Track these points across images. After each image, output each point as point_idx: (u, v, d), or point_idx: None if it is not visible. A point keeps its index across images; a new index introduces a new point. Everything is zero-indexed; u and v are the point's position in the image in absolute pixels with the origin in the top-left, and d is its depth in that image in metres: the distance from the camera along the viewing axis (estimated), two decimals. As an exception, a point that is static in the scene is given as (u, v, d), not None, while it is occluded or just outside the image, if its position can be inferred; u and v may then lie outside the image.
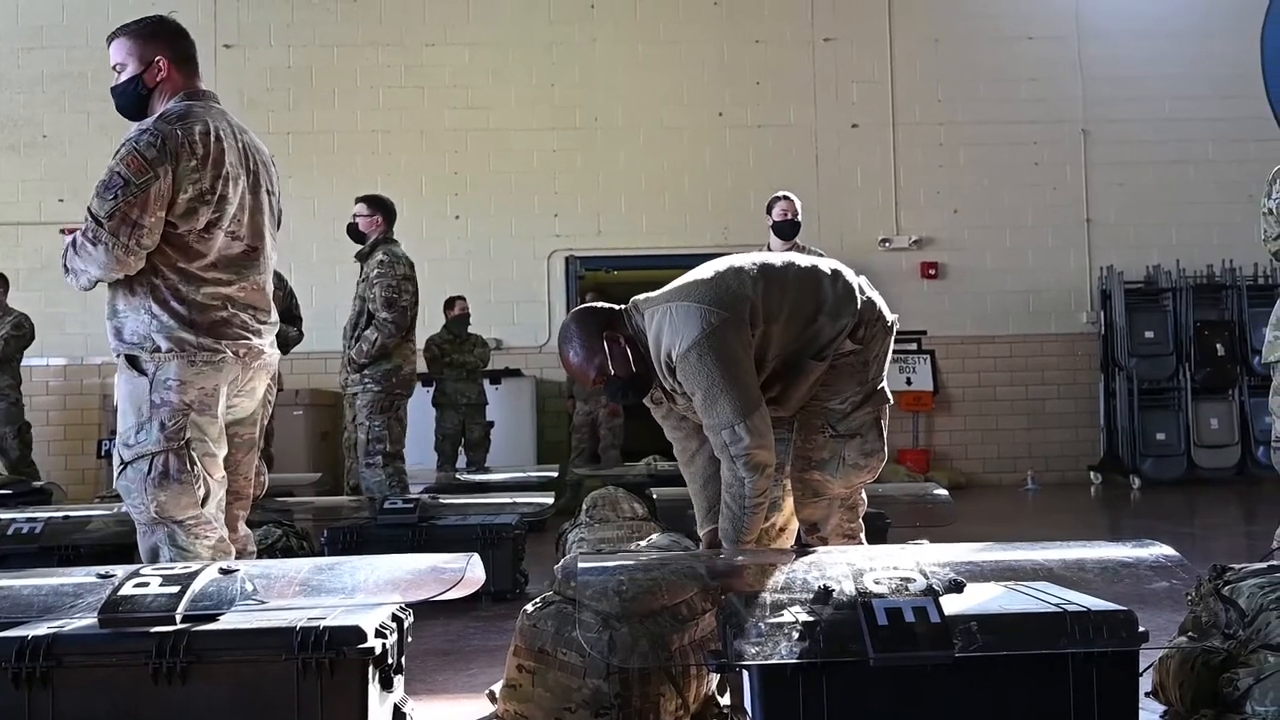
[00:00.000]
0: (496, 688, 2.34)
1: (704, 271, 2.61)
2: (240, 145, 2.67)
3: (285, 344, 5.17)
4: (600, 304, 2.73)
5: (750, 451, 2.44)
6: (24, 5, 9.20)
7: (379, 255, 5.05)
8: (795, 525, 2.80)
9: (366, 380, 5.08)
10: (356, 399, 5.13)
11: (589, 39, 9.41)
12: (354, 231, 5.22)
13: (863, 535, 2.77)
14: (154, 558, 2.56)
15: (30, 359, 7.37)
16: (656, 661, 2.12)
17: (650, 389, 2.62)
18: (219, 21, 9.14)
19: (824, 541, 2.68)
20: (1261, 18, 9.62)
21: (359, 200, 5.23)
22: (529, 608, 2.29)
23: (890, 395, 2.73)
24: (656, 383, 2.61)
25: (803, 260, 2.70)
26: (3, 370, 7.10)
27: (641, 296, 2.65)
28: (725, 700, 2.34)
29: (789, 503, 2.78)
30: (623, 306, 2.67)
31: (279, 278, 5.24)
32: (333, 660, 1.90)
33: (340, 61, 9.26)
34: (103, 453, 8.47)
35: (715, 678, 2.32)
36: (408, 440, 5.47)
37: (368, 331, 5.02)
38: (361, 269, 5.16)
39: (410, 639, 2.24)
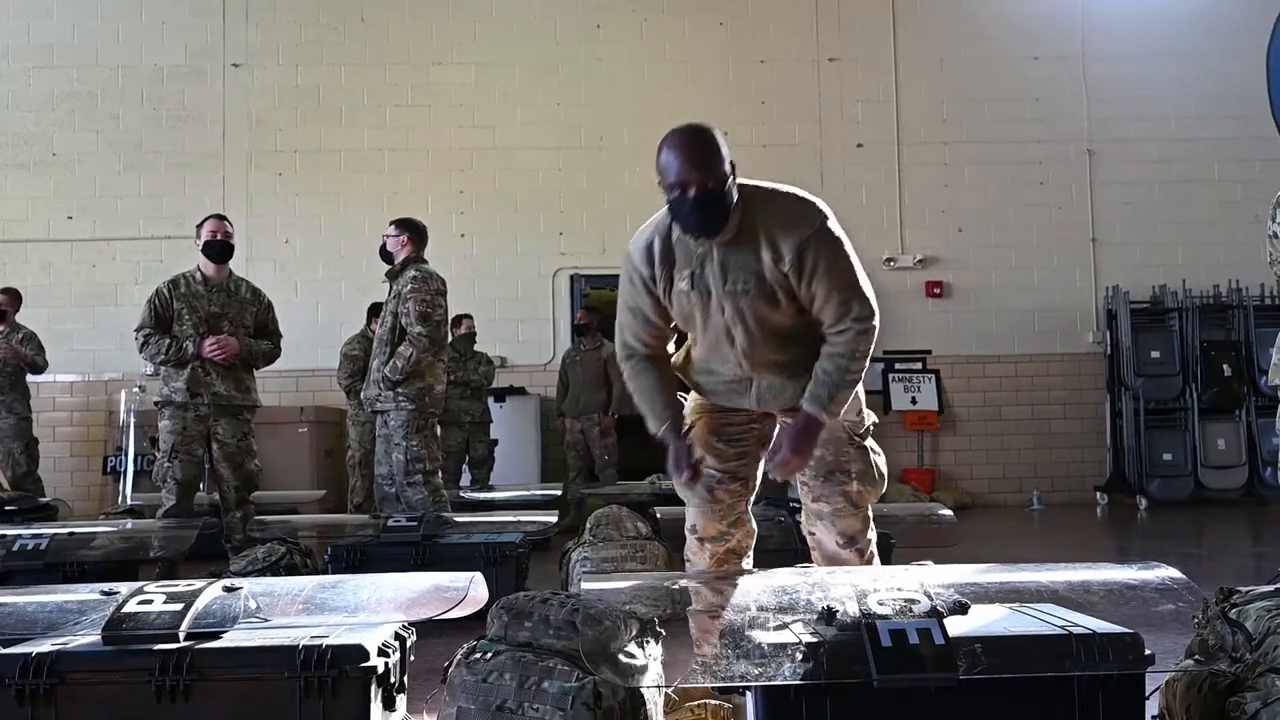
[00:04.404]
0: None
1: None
2: None
3: (257, 359, 4.95)
4: None
5: (874, 323, 2.48)
6: (34, 25, 9.28)
7: (410, 272, 5.01)
8: (752, 543, 2.72)
9: (400, 399, 4.95)
10: (389, 417, 5.01)
11: (595, 59, 9.47)
12: (384, 252, 5.23)
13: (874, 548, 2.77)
14: None
15: (37, 375, 7.39)
16: (642, 701, 2.02)
17: (719, 235, 2.52)
18: (228, 41, 9.20)
19: (860, 554, 2.68)
20: (1267, 38, 9.65)
21: (391, 223, 5.25)
22: (465, 659, 2.03)
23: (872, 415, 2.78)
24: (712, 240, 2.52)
25: None
26: (13, 385, 7.11)
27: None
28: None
29: (749, 516, 2.69)
30: None
31: (254, 291, 5.02)
32: (335, 679, 1.91)
33: (348, 81, 9.31)
34: (109, 469, 8.52)
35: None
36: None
37: (401, 348, 4.93)
38: (391, 287, 5.11)
39: (413, 658, 2.23)
